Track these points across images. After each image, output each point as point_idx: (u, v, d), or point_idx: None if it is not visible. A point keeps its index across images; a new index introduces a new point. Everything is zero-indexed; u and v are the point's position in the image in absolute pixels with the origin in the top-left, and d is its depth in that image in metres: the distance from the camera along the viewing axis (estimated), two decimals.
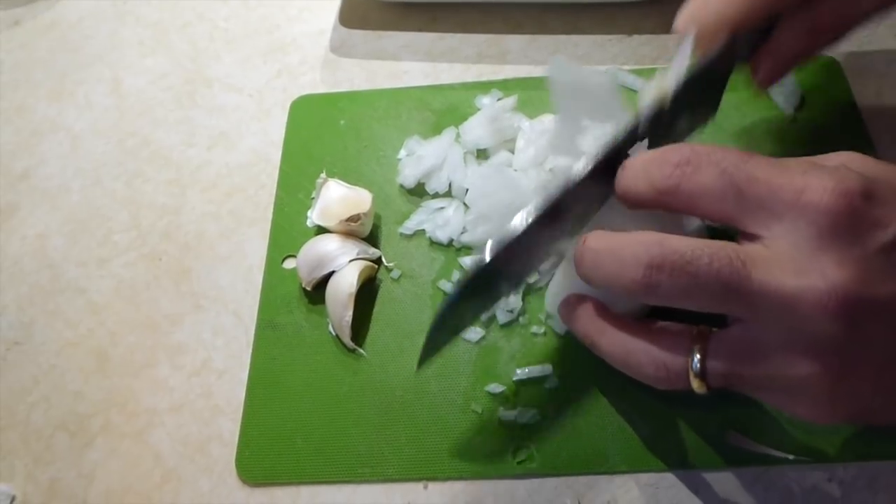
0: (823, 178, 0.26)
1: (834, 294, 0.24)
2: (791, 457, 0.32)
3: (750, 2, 0.33)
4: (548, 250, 0.32)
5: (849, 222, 0.25)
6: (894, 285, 0.25)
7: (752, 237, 0.27)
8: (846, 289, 0.24)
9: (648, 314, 0.33)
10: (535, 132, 0.42)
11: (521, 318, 0.38)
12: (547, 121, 0.44)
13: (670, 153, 0.28)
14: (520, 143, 0.42)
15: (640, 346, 0.29)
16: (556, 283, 0.36)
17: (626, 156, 0.31)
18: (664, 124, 0.32)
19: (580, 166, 0.30)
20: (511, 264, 0.31)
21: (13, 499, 0.37)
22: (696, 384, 0.28)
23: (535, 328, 0.37)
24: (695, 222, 0.34)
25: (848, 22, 0.34)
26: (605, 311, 0.31)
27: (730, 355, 0.27)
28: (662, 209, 0.29)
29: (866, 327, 0.25)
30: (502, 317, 0.37)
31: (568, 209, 0.30)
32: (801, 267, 0.25)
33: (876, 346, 0.25)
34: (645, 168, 0.29)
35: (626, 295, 0.28)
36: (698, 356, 0.28)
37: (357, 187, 0.42)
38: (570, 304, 0.32)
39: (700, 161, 0.27)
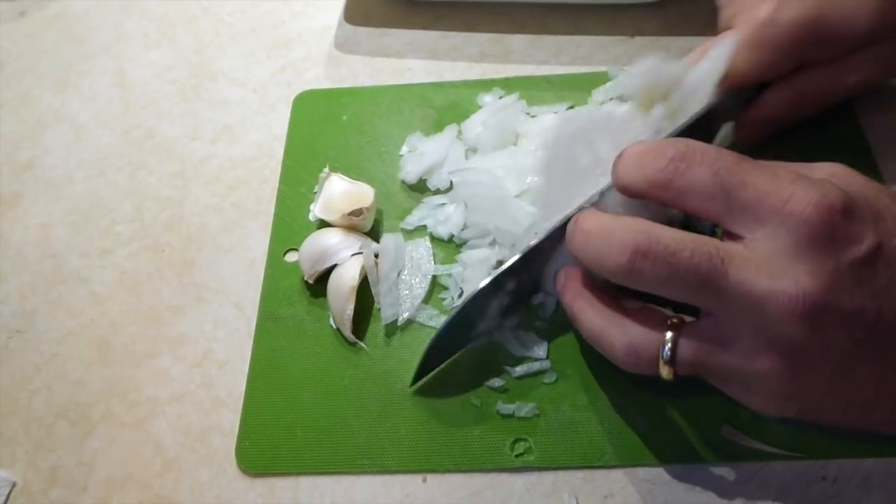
0: (809, 190, 0.27)
1: (802, 300, 0.26)
2: (785, 453, 0.33)
3: (755, 64, 0.36)
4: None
5: (826, 235, 0.26)
6: (860, 298, 0.26)
7: (734, 237, 0.28)
8: (814, 296, 0.26)
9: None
10: (535, 132, 0.42)
11: (520, 314, 0.38)
12: (548, 120, 0.44)
13: (666, 147, 0.29)
14: (521, 143, 0.43)
15: (616, 328, 0.30)
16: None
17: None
18: None
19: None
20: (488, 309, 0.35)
21: (14, 485, 0.37)
22: (664, 371, 0.29)
23: (536, 323, 0.38)
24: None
25: (831, 94, 0.38)
26: (591, 286, 0.32)
27: (699, 346, 0.29)
28: (653, 201, 0.30)
29: (827, 334, 0.26)
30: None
31: None
32: (775, 271, 0.26)
33: (833, 353, 0.27)
34: (640, 159, 0.30)
35: (610, 278, 0.29)
36: (670, 344, 0.29)
37: (359, 182, 0.42)
38: (562, 276, 0.34)
39: (694, 158, 0.28)
